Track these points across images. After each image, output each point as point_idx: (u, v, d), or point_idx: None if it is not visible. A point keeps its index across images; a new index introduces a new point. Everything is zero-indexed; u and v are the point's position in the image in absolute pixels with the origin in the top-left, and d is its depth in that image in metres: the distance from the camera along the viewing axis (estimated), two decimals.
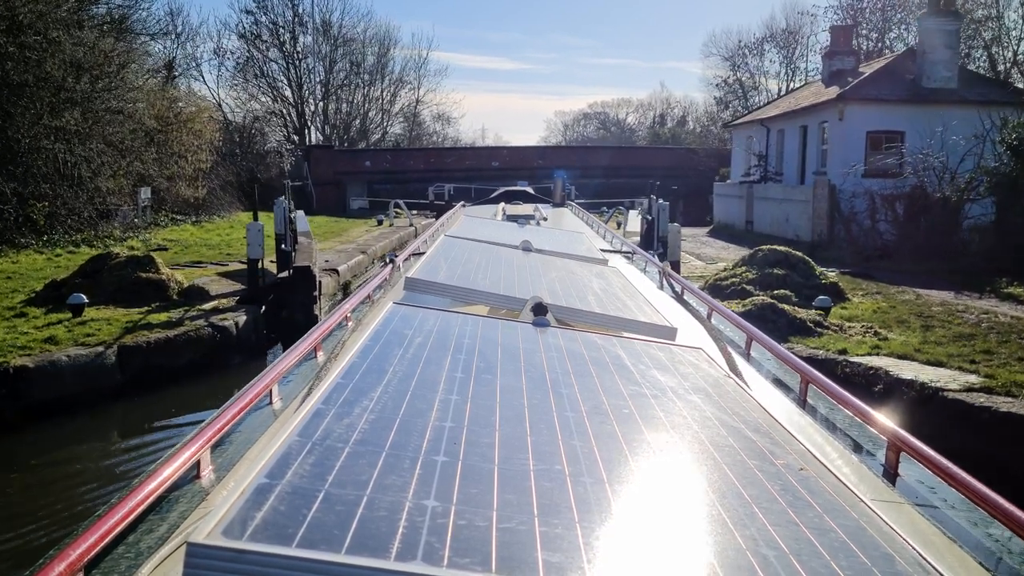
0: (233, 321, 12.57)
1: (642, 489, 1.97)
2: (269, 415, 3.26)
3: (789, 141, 31.42)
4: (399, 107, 64.09)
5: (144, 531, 2.21)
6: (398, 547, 1.44)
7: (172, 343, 11.48)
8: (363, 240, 26.43)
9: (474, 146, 68.81)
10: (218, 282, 16.19)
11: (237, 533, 1.39)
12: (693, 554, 1.65)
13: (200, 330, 11.97)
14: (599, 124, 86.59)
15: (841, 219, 22.30)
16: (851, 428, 3.42)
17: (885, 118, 25.39)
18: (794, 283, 13.47)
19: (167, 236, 25.38)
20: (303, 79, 57.97)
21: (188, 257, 20.90)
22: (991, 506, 2.31)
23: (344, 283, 19.06)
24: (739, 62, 57.79)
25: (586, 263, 7.08)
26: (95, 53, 24.19)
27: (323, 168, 47.59)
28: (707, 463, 2.20)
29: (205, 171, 31.62)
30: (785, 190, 27.71)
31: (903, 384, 8.76)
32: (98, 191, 23.46)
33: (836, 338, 10.82)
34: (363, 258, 21.74)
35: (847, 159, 25.39)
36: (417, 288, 4.80)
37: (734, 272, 14.17)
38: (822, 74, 34.06)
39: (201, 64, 67.25)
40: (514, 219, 13.68)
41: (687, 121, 74.97)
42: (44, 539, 7.25)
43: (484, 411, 2.34)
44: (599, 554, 1.57)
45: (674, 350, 3.67)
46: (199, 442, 2.55)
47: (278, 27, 56.14)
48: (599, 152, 56.37)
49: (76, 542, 1.80)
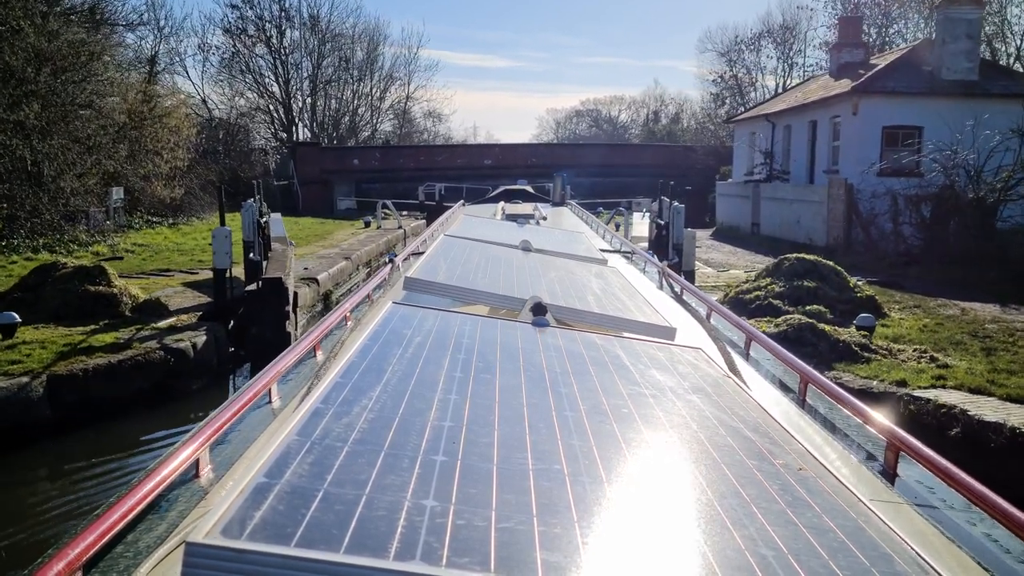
0: (190, 342, 10.99)
1: (641, 489, 1.96)
2: (268, 414, 3.26)
3: (797, 137, 29.92)
4: (389, 103, 62.80)
5: (143, 530, 2.20)
6: (397, 547, 1.43)
7: (116, 370, 9.90)
8: (347, 244, 24.83)
9: (466, 143, 67.16)
10: (182, 294, 14.61)
11: (236, 532, 1.38)
12: (692, 554, 1.63)
13: (150, 353, 10.38)
14: (591, 121, 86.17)
15: (860, 221, 20.77)
16: (850, 428, 3.41)
17: (902, 112, 23.88)
18: (827, 297, 11.95)
19: (138, 240, 23.73)
20: (290, 75, 56.64)
21: (156, 264, 19.29)
22: (990, 506, 2.29)
23: (325, 293, 17.45)
24: (735, 58, 56.37)
25: (585, 263, 7.04)
26: (61, 43, 22.53)
27: (310, 167, 46.07)
28: (706, 463, 2.17)
29: (182, 170, 29.94)
30: (796, 190, 26.12)
31: (988, 428, 7.24)
32: (61, 191, 21.78)
33: (888, 364, 9.30)
34: (346, 264, 20.13)
35: (861, 156, 23.89)
36: (416, 288, 4.77)
37: (758, 284, 12.62)
38: (829, 67, 32.61)
39: (185, 59, 65.20)
40: (513, 218, 13.71)
41: (681, 118, 74.14)
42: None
43: (483, 411, 2.33)
44: (598, 554, 1.55)
45: (673, 350, 3.65)
46: (198, 441, 2.54)
47: (264, 21, 54.69)
48: (593, 149, 55.22)
49: (75, 541, 1.78)
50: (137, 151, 27.70)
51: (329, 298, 17.75)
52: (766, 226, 28.58)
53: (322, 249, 23.32)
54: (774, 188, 27.52)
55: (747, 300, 12.15)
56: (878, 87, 24.20)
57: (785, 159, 30.76)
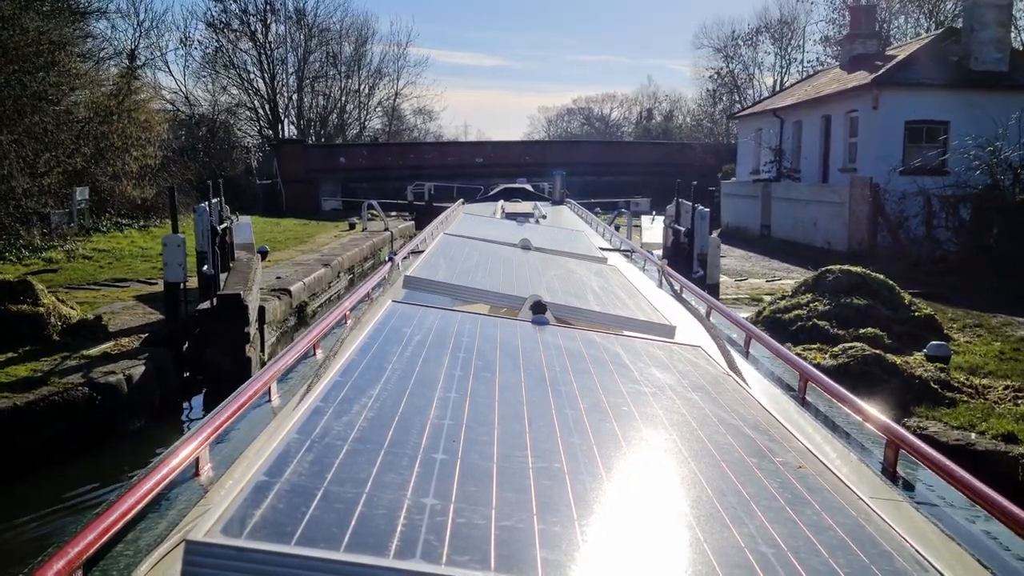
0: (123, 374, 9.13)
1: (640, 487, 1.95)
2: (268, 413, 3.27)
3: (808, 133, 28.18)
4: (377, 100, 60.99)
5: (143, 529, 2.20)
6: (397, 545, 1.43)
7: (24, 413, 8.04)
8: (329, 248, 22.96)
9: (457, 141, 65.36)
10: (132, 310, 12.73)
11: (236, 531, 1.38)
12: (691, 551, 1.62)
13: (72, 390, 8.51)
14: (583, 119, 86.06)
15: (887, 224, 18.98)
16: (850, 426, 3.39)
17: (926, 106, 22.16)
18: (880, 317, 10.16)
19: (100, 245, 21.79)
20: (276, 70, 54.85)
21: (114, 272, 17.38)
22: (989, 504, 2.29)
23: (299, 305, 15.59)
24: (732, 53, 54.67)
25: (585, 261, 7.03)
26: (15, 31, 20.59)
27: (294, 165, 44.26)
28: (705, 461, 2.17)
29: (154, 168, 28.00)
30: (812, 189, 24.27)
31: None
32: (12, 192, 19.85)
33: (979, 409, 7.51)
34: (325, 272, 18.27)
35: (882, 153, 22.18)
36: (416, 286, 4.74)
37: (797, 302, 10.79)
38: (840, 59, 30.90)
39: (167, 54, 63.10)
40: (513, 217, 13.66)
41: (675, 116, 73.11)
42: None
43: (483, 409, 2.32)
44: (598, 552, 1.55)
45: (673, 348, 3.63)
46: (198, 439, 2.53)
47: (248, 15, 52.86)
48: (588, 147, 53.79)
49: (75, 539, 1.78)
50: (105, 148, 25.77)
51: (304, 311, 15.90)
52: (778, 228, 26.81)
53: (301, 254, 21.46)
54: (786, 188, 25.70)
55: (786, 321, 10.35)
56: (900, 78, 22.46)
57: (795, 157, 29.01)
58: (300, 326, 15.69)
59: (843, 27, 49.42)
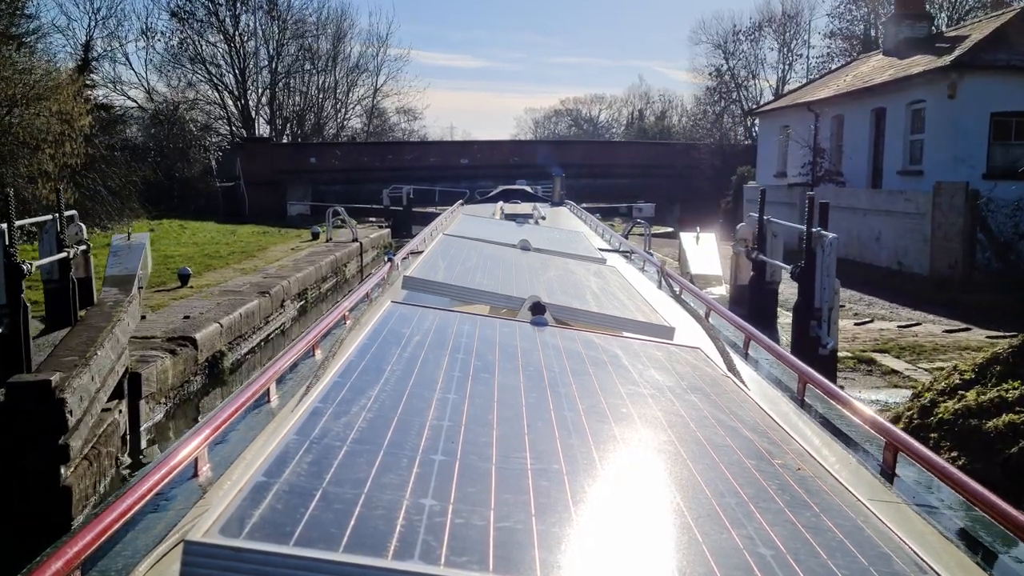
0: None
1: (639, 488, 1.95)
2: (267, 414, 3.24)
3: (853, 130, 23.96)
4: (356, 97, 56.56)
5: (141, 529, 2.18)
6: (396, 546, 1.41)
7: None
8: (278, 266, 18.47)
9: (440, 141, 60.97)
10: None
11: (235, 531, 1.36)
12: (690, 553, 1.61)
13: None
14: (571, 121, 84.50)
15: (992, 243, 14.70)
16: (849, 428, 3.37)
17: (1019, 94, 17.96)
18: None
19: None
20: (246, 64, 50.43)
21: None
22: (988, 506, 2.27)
23: (211, 358, 11.11)
24: (733, 49, 50.48)
25: (584, 262, 6.95)
26: None
27: (259, 165, 39.92)
28: (704, 462, 2.14)
29: (76, 168, 23.47)
30: (876, 196, 19.83)
31: None
32: None
33: None
34: (259, 304, 13.79)
35: (963, 153, 17.97)
36: (415, 287, 4.69)
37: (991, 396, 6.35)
38: (884, 44, 26.71)
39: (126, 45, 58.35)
40: (512, 218, 13.81)
41: (668, 116, 70.18)
42: None
43: (482, 410, 2.31)
44: (596, 553, 1.54)
45: (672, 349, 3.61)
46: (197, 440, 2.52)
47: (216, 4, 48.40)
48: (582, 147, 49.85)
49: (73, 540, 1.77)
50: (12, 144, 21.25)
51: (218, 365, 11.41)
52: None
53: (240, 275, 16.96)
54: (836, 194, 21.30)
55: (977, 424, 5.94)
56: (987, 61, 18.21)
57: (835, 157, 24.77)
58: (212, 385, 11.21)
59: (850, 21, 45.51)
